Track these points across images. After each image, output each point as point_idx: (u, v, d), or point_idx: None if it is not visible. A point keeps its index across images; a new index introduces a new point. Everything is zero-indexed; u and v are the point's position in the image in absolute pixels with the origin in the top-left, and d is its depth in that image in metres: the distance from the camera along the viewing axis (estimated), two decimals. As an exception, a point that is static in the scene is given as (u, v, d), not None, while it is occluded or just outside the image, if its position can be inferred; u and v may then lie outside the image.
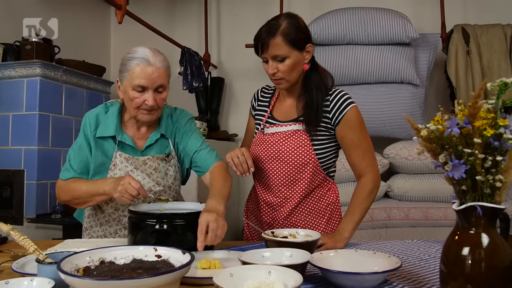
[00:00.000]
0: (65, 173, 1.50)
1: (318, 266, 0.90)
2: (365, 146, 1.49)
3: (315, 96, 1.47)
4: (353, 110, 1.49)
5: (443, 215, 2.67)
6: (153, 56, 1.40)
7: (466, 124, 0.72)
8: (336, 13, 2.97)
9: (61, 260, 0.79)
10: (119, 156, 1.49)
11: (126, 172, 1.48)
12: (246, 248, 1.27)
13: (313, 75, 1.50)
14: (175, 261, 0.87)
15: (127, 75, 1.40)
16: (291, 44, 1.40)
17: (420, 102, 2.91)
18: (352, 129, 1.48)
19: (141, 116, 1.45)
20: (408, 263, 1.12)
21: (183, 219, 1.21)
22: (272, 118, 1.57)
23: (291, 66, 1.42)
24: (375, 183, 1.49)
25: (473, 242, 0.73)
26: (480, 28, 2.93)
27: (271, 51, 1.41)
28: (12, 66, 2.67)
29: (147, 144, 1.52)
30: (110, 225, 1.54)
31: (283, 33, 1.39)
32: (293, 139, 1.49)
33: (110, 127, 1.49)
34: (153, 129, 1.55)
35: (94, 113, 1.53)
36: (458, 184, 0.75)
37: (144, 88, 1.39)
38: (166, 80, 1.45)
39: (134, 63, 1.39)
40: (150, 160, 1.52)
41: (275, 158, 1.51)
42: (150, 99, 1.40)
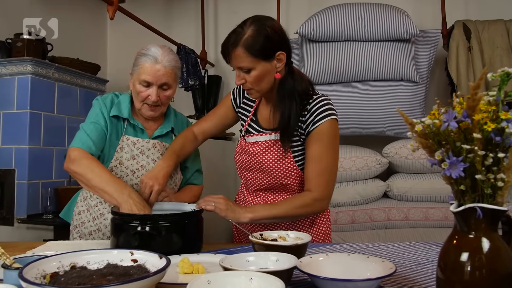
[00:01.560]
0: (84, 142, 1.45)
1: (306, 272, 0.83)
2: (325, 164, 1.38)
3: (288, 106, 1.37)
4: (328, 123, 1.37)
5: (444, 215, 2.60)
6: (162, 54, 1.48)
7: (465, 117, 0.66)
8: (334, 9, 2.90)
9: (25, 266, 0.73)
10: (126, 140, 1.54)
11: (132, 155, 1.54)
12: (234, 251, 1.21)
13: (286, 83, 1.39)
14: (151, 266, 0.81)
15: (136, 69, 1.50)
16: (255, 55, 1.29)
17: (420, 99, 2.84)
18: (317, 142, 1.37)
19: (144, 111, 1.54)
20: (404, 267, 1.05)
21: (168, 221, 1.15)
22: (256, 123, 1.51)
23: (258, 78, 1.33)
24: (315, 205, 1.39)
25: (472, 246, 0.67)
26: (481, 24, 2.86)
27: (234, 62, 1.32)
28: (2, 64, 2.61)
29: (157, 134, 1.59)
30: (105, 217, 1.53)
31: (245, 44, 1.28)
32: (273, 150, 1.43)
33: (124, 110, 1.55)
34: (160, 122, 1.63)
35: (108, 97, 1.58)
36: (456, 183, 0.68)
37: (149, 83, 1.47)
38: (171, 79, 1.51)
39: (144, 59, 1.48)
40: (159, 145, 1.58)
41: (257, 169, 1.46)
42: (153, 94, 1.47)
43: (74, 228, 1.59)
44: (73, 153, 1.43)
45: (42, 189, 2.64)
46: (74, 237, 1.58)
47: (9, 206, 2.56)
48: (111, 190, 1.32)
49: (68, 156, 1.43)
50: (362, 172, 2.70)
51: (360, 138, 3.09)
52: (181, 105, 3.70)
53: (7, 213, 2.56)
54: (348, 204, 2.72)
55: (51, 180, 2.66)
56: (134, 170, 1.54)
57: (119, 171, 1.53)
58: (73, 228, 1.60)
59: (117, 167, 1.53)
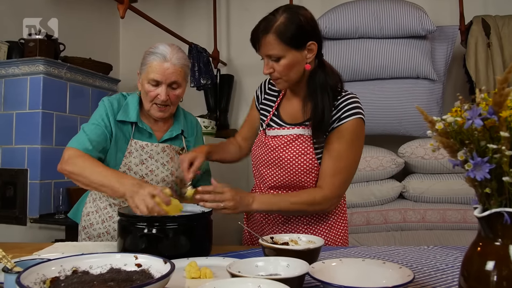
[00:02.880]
0: (81, 141, 1.40)
1: (318, 278, 0.79)
2: (343, 164, 1.32)
3: (320, 99, 1.31)
4: (353, 122, 1.32)
5: (462, 217, 2.52)
6: (171, 52, 1.44)
7: (491, 114, 0.61)
8: (348, 5, 2.84)
9: (24, 270, 0.70)
10: (134, 144, 1.50)
11: (140, 160, 1.50)
12: (244, 255, 1.17)
13: (317, 76, 1.34)
14: (155, 271, 0.77)
15: (144, 68, 1.45)
16: (286, 43, 1.25)
17: (437, 98, 2.76)
18: (339, 139, 1.32)
19: (153, 112, 1.49)
20: (423, 273, 1.00)
21: (175, 223, 1.12)
22: (278, 118, 1.45)
23: (287, 67, 1.28)
24: (323, 204, 1.33)
25: (499, 255, 0.62)
26: (501, 19, 2.76)
27: (264, 49, 1.28)
28: (15, 64, 2.62)
29: (166, 137, 1.55)
30: (114, 220, 1.50)
31: (277, 31, 1.24)
32: (294, 145, 1.37)
33: (131, 113, 1.50)
34: (170, 124, 1.59)
35: (114, 97, 1.54)
36: (481, 186, 0.63)
37: (158, 82, 1.43)
38: (181, 77, 1.46)
39: (152, 57, 1.43)
40: (168, 148, 1.54)
41: (275, 164, 1.40)
42: (162, 93, 1.43)
43: (83, 229, 1.57)
44: (67, 153, 1.37)
45: (54, 189, 2.64)
46: (83, 238, 1.56)
47: (22, 206, 2.57)
48: (110, 181, 1.25)
49: (62, 156, 1.37)
50: (377, 172, 2.63)
51: (375, 138, 3.02)
52: (193, 104, 3.68)
53: (19, 212, 2.57)
54: (363, 205, 2.66)
55: (63, 180, 2.65)
56: (144, 176, 1.50)
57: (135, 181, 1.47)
58: (81, 229, 1.58)
59: (126, 172, 1.49)
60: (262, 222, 1.48)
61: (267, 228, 1.47)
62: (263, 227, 1.48)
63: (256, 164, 1.48)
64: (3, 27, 2.78)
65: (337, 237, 1.45)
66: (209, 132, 3.12)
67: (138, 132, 1.52)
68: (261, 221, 1.48)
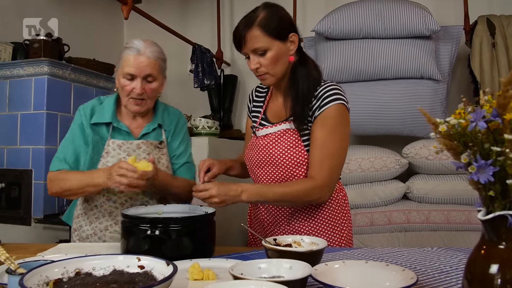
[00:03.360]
0: (56, 164, 1.50)
1: (320, 281, 0.79)
2: (329, 150, 1.32)
3: (301, 88, 1.35)
4: (334, 108, 1.33)
5: (467, 218, 2.51)
6: (145, 46, 1.47)
7: (495, 117, 0.60)
8: (352, 6, 2.83)
9: (27, 272, 0.70)
10: (111, 144, 1.51)
11: (118, 159, 1.49)
12: (247, 256, 1.17)
13: (299, 68, 1.38)
14: (158, 273, 0.77)
15: (120, 63, 1.48)
16: (271, 34, 1.30)
17: (442, 98, 2.74)
18: (322, 128, 1.33)
19: (130, 106, 1.50)
20: (426, 275, 1.00)
21: (179, 224, 1.12)
22: (265, 120, 1.48)
23: (274, 59, 1.31)
24: (315, 194, 1.32)
25: (503, 258, 0.61)
26: (506, 19, 2.74)
27: (250, 44, 1.31)
28: (20, 65, 2.64)
29: (144, 132, 1.56)
30: (100, 221, 1.51)
31: (261, 24, 1.29)
32: (283, 140, 1.38)
33: (106, 114, 1.53)
34: (149, 119, 1.60)
35: (89, 104, 1.57)
36: (485, 189, 0.63)
37: (133, 76, 1.45)
38: (156, 70, 1.48)
39: (127, 52, 1.47)
40: (144, 144, 1.54)
41: (266, 162, 1.41)
42: (137, 87, 1.45)
43: (74, 231, 1.58)
44: (48, 178, 1.49)
45: (59, 189, 2.65)
46: (74, 240, 1.57)
47: (26, 206, 2.58)
48: (87, 179, 1.38)
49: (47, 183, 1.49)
50: (381, 173, 2.62)
51: (379, 138, 3.01)
52: (197, 105, 3.69)
53: (24, 213, 2.58)
54: (367, 206, 2.65)
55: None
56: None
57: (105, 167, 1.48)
58: (73, 231, 1.59)
59: None
60: (265, 223, 1.48)
61: (270, 228, 1.47)
62: (266, 227, 1.48)
63: (251, 166, 1.49)
64: (8, 28, 2.79)
65: (341, 239, 1.44)
66: (212, 132, 3.12)
67: (115, 132, 1.53)
68: (264, 222, 1.48)
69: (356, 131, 2.91)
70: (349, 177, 2.67)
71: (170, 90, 3.85)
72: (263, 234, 1.50)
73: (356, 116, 2.78)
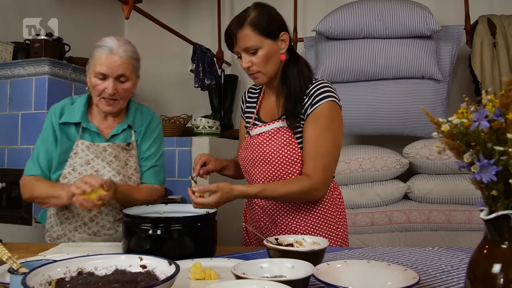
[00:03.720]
0: (29, 168, 1.50)
1: (323, 280, 0.79)
2: (322, 148, 1.33)
3: (293, 87, 1.37)
4: (326, 105, 1.34)
5: (467, 218, 2.51)
6: (117, 45, 1.43)
7: (497, 116, 0.60)
8: (353, 5, 2.83)
9: (29, 272, 0.70)
10: (80, 145, 1.50)
11: (86, 160, 1.48)
12: (249, 256, 1.17)
13: (290, 66, 1.40)
14: (160, 272, 0.77)
15: (91, 62, 1.45)
16: (262, 33, 1.32)
17: (442, 98, 2.74)
18: (315, 125, 1.34)
19: (101, 106, 1.47)
20: (428, 275, 1.00)
21: (180, 224, 1.12)
22: (259, 119, 1.49)
23: (265, 57, 1.34)
24: (312, 191, 1.33)
25: (505, 258, 0.61)
26: (507, 19, 2.74)
27: (241, 43, 1.33)
28: (21, 65, 2.63)
29: (113, 133, 1.54)
30: (70, 222, 1.51)
31: (252, 23, 1.32)
32: (276, 137, 1.40)
33: (75, 114, 1.50)
34: (120, 120, 1.57)
35: (60, 103, 1.55)
36: (487, 188, 0.63)
37: (104, 75, 1.41)
38: (129, 70, 1.45)
39: (98, 51, 1.43)
40: (110, 147, 1.52)
41: (260, 160, 1.42)
42: (109, 87, 1.41)
43: (46, 232, 1.57)
44: (21, 184, 1.50)
45: (59, 189, 2.65)
46: (46, 241, 1.56)
47: (27, 206, 2.57)
48: (52, 190, 1.39)
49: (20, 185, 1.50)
50: (382, 173, 2.62)
51: (380, 138, 3.01)
52: (197, 104, 3.69)
53: (25, 213, 2.58)
54: (367, 206, 2.65)
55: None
56: None
57: (72, 177, 1.47)
58: (45, 231, 1.57)
59: (70, 173, 1.48)
60: (261, 222, 1.48)
61: (266, 227, 1.47)
62: (262, 227, 1.48)
63: (244, 166, 1.50)
64: (8, 28, 2.79)
65: (337, 237, 1.45)
66: (213, 132, 3.12)
67: (85, 132, 1.52)
68: (260, 221, 1.49)
69: (357, 131, 2.91)
70: (350, 177, 2.67)
71: (170, 90, 3.86)
72: (259, 233, 1.50)
73: (357, 116, 2.79)
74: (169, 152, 2.96)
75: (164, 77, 3.88)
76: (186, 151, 2.91)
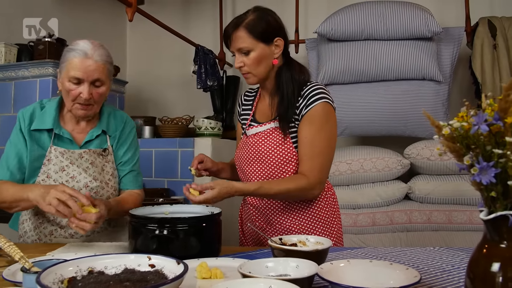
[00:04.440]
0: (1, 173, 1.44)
1: (327, 279, 0.81)
2: (317, 147, 1.37)
3: (285, 91, 1.41)
4: (320, 106, 1.38)
5: (468, 218, 2.53)
6: (92, 49, 1.40)
7: (496, 120, 0.62)
8: (354, 7, 2.85)
9: (43, 271, 0.72)
10: (54, 151, 1.46)
11: (60, 167, 1.46)
12: (253, 256, 1.19)
13: (284, 71, 1.44)
14: (168, 271, 0.79)
15: (64, 66, 1.40)
16: (256, 36, 1.37)
17: (443, 99, 2.77)
18: (310, 125, 1.38)
19: (76, 111, 1.44)
20: (429, 274, 1.02)
21: (186, 224, 1.14)
22: (254, 120, 1.53)
23: (257, 59, 1.39)
24: (309, 190, 1.37)
25: (504, 257, 0.63)
26: (508, 21, 2.76)
27: (235, 43, 1.39)
28: (25, 66, 2.66)
29: (87, 139, 1.51)
30: (45, 226, 1.49)
31: (247, 26, 1.38)
32: (271, 137, 1.44)
33: (47, 120, 1.46)
34: (93, 124, 1.55)
35: (29, 108, 1.49)
36: (487, 190, 0.65)
37: (79, 80, 1.38)
38: (104, 75, 1.43)
39: (72, 54, 1.39)
40: (86, 153, 1.50)
41: (256, 159, 1.46)
42: (85, 91, 1.38)
43: (19, 238, 1.53)
44: None
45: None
46: None
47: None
48: (19, 193, 1.30)
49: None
50: (383, 174, 2.64)
51: (381, 139, 3.03)
52: (199, 105, 3.71)
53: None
54: (369, 206, 2.67)
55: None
56: (64, 183, 1.45)
57: (47, 184, 1.43)
58: (18, 237, 1.54)
59: (45, 180, 1.45)
60: (256, 222, 1.51)
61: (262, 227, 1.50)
62: (258, 227, 1.51)
63: (240, 165, 1.53)
64: (12, 30, 2.82)
65: (331, 237, 1.48)
66: (215, 133, 3.15)
67: (57, 139, 1.48)
68: (255, 221, 1.51)
69: (358, 131, 2.94)
70: (352, 177, 2.69)
71: (172, 91, 3.88)
72: (255, 233, 1.54)
73: (358, 117, 2.81)
74: (171, 153, 2.99)
75: (166, 78, 3.91)
76: (188, 152, 2.93)
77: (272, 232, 1.47)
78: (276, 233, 1.46)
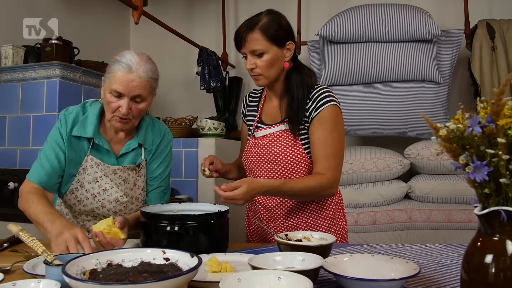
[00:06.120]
0: (34, 173, 1.40)
1: (331, 271, 0.86)
2: (330, 148, 1.42)
3: (296, 94, 1.45)
4: (330, 109, 1.43)
5: (467, 217, 2.58)
6: (137, 63, 1.35)
7: (489, 123, 0.67)
8: (355, 10, 2.90)
9: (67, 263, 0.78)
10: (90, 161, 1.45)
11: (94, 178, 1.45)
12: (260, 251, 1.24)
13: (294, 74, 1.48)
14: (183, 264, 0.85)
15: (108, 77, 1.37)
16: (270, 39, 1.40)
17: (443, 100, 2.82)
18: (322, 127, 1.43)
19: (114, 123, 1.41)
20: (428, 268, 1.07)
21: (195, 221, 1.19)
22: (261, 122, 1.57)
23: (269, 62, 1.42)
24: (329, 189, 1.41)
25: (497, 249, 0.68)
26: (506, 23, 2.81)
27: (249, 45, 1.41)
28: (32, 68, 2.71)
29: (123, 151, 1.50)
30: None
31: (262, 28, 1.40)
32: (282, 139, 1.48)
33: (88, 128, 1.44)
34: (131, 135, 1.53)
35: (72, 111, 1.46)
36: (481, 187, 0.70)
37: (120, 94, 1.35)
38: (146, 91, 1.38)
39: (117, 67, 1.35)
40: (120, 170, 1.48)
41: (266, 160, 1.50)
42: (124, 106, 1.35)
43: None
44: (22, 188, 1.38)
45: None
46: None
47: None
48: (43, 218, 1.24)
49: (20, 191, 1.37)
50: (384, 173, 2.70)
51: (382, 139, 3.08)
52: (203, 106, 3.76)
53: (37, 212, 2.64)
54: (369, 205, 2.72)
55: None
56: (95, 194, 1.46)
57: (79, 194, 1.45)
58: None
59: (78, 189, 1.45)
60: (264, 220, 1.56)
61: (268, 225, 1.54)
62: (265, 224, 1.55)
63: (249, 165, 1.57)
64: (19, 32, 2.87)
65: (336, 234, 1.53)
66: (218, 133, 3.19)
67: (95, 148, 1.46)
68: (262, 219, 1.56)
69: (359, 132, 2.98)
70: (353, 177, 2.74)
71: (176, 92, 3.93)
72: (261, 231, 1.58)
73: (359, 117, 2.86)
74: (176, 153, 3.01)
75: (169, 79, 3.95)
76: (192, 152, 2.98)
77: (279, 230, 1.52)
78: (283, 230, 1.51)
